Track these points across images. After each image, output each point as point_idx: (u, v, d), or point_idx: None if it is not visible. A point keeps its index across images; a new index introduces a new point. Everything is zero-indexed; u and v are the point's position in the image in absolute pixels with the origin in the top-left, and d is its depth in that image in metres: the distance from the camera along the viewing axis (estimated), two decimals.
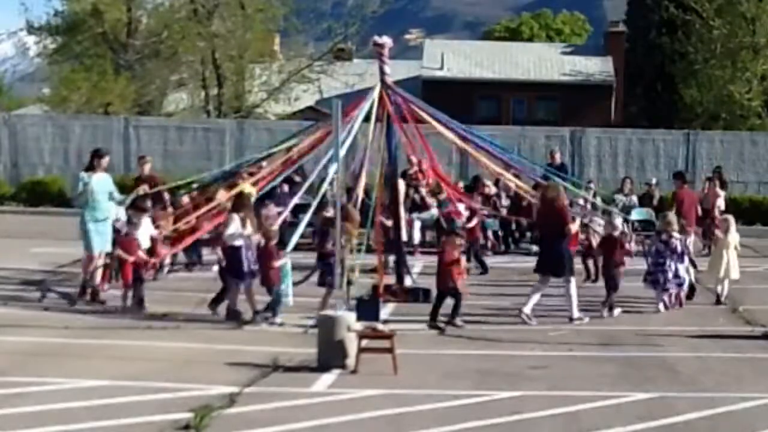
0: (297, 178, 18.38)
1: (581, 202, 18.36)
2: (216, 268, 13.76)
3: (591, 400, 9.26)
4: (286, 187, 18.69)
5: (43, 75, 41.67)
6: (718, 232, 15.82)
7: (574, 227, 14.11)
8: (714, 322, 13.67)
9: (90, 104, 34.73)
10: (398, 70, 32.81)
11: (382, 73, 15.10)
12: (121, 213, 14.83)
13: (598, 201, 19.98)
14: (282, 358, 10.60)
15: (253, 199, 14.05)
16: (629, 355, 11.45)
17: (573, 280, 13.54)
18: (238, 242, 12.81)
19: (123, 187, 15.54)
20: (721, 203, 22.95)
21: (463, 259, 13.85)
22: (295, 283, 14.58)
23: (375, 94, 14.97)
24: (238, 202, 13.47)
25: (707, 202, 23.18)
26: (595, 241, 16.11)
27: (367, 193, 16.28)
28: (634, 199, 22.76)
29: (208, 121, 33.93)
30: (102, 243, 14.14)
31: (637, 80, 46.02)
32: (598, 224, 16.48)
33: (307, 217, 14.20)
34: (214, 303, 13.06)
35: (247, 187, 14.23)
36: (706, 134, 31.21)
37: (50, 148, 30.27)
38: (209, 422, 8.29)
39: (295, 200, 15.82)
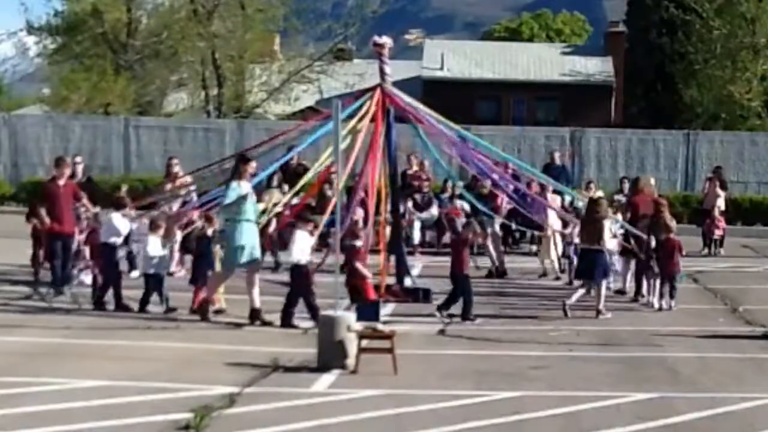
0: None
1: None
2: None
3: (591, 400, 9.26)
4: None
5: (43, 75, 41.68)
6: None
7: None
8: (714, 322, 13.67)
9: (90, 104, 34.73)
10: (398, 70, 32.75)
11: (383, 73, 15.09)
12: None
13: None
14: (282, 358, 10.60)
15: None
16: (629, 355, 11.45)
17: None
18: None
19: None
20: (721, 203, 22.94)
21: None
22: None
23: (370, 96, 14.98)
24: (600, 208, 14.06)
25: (707, 203, 23.20)
26: None
27: (367, 192, 16.27)
28: None
29: (208, 122, 33.90)
30: (248, 255, 12.86)
31: (637, 80, 45.96)
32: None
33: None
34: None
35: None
36: (706, 134, 31.17)
37: (50, 148, 30.21)
38: (209, 422, 8.29)
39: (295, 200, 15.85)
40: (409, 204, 20.63)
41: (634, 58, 46.44)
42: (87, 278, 14.59)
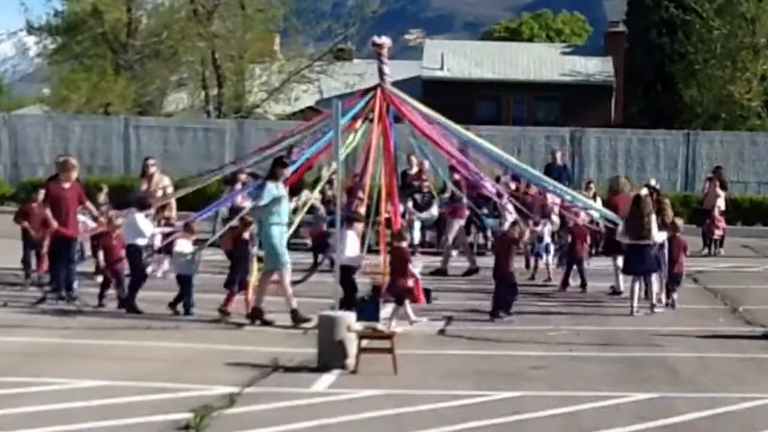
0: None
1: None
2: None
3: (591, 400, 9.26)
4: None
5: (43, 75, 41.71)
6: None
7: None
8: (714, 322, 13.67)
9: (90, 104, 34.75)
10: (398, 70, 32.79)
11: (381, 73, 15.06)
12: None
13: (598, 202, 19.95)
14: (282, 358, 10.59)
15: None
16: (629, 355, 11.45)
17: None
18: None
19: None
20: (721, 203, 22.94)
21: None
22: (293, 283, 14.59)
23: (373, 95, 14.96)
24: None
25: (707, 203, 23.20)
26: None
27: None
28: None
29: (208, 122, 33.92)
30: (279, 258, 12.83)
31: (637, 80, 45.98)
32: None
33: None
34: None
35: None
36: (706, 134, 31.20)
37: (50, 148, 30.24)
38: (209, 422, 8.29)
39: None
40: (409, 204, 20.62)
41: (634, 58, 46.47)
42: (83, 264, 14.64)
